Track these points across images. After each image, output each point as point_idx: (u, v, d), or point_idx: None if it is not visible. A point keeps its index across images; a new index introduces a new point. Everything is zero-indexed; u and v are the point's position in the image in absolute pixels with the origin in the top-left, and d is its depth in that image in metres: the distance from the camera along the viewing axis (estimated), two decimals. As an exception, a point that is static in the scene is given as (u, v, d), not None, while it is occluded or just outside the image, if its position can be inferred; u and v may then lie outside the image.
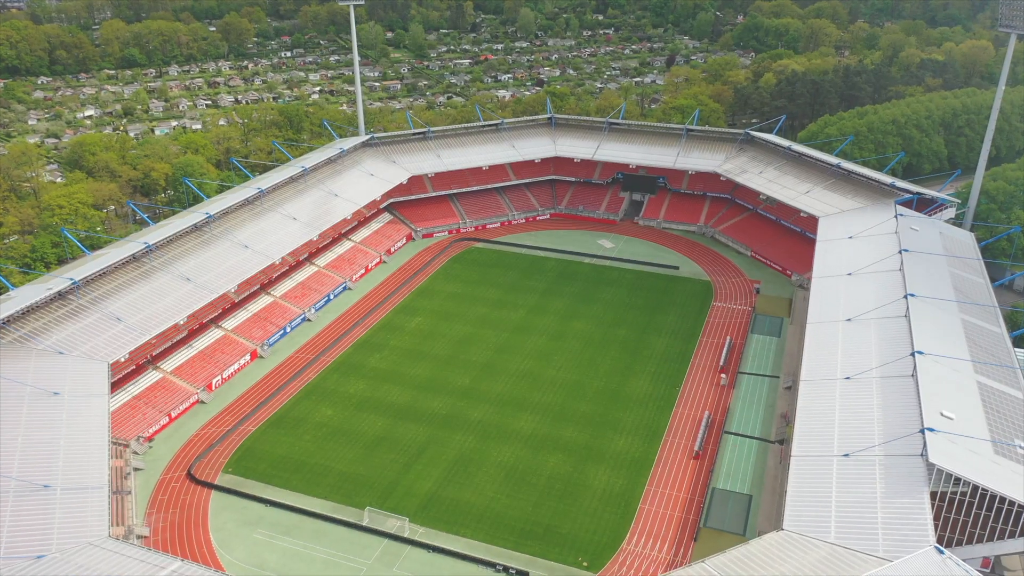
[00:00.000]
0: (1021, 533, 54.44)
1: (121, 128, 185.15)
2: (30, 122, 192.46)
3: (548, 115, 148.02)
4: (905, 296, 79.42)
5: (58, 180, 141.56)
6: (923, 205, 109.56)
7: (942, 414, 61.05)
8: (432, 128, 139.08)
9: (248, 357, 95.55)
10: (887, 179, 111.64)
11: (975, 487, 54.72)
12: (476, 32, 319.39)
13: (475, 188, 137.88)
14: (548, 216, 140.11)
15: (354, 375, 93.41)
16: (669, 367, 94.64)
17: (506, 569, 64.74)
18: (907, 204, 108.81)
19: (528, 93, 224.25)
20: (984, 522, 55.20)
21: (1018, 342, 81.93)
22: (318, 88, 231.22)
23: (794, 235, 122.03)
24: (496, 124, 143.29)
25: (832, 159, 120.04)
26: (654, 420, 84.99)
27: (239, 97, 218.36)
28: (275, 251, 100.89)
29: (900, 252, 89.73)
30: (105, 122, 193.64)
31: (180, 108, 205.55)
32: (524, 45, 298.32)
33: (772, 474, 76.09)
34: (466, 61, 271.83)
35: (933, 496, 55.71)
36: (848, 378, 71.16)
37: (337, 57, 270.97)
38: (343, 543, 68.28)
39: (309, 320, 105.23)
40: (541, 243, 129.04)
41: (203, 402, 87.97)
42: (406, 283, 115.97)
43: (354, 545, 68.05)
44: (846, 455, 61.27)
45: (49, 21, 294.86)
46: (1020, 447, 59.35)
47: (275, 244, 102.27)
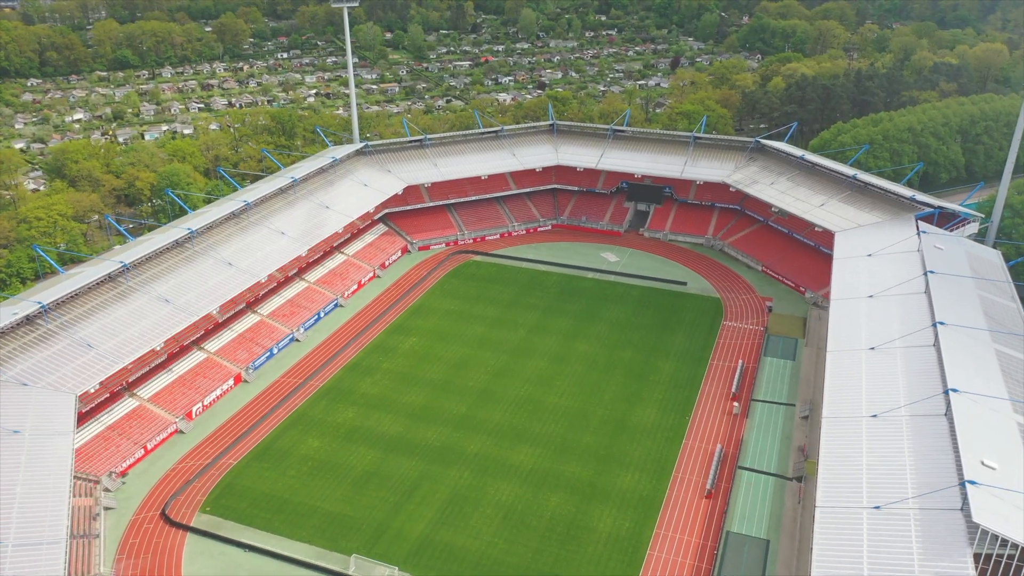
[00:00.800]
0: (1075, 601, 49.01)
1: (110, 133, 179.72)
2: (16, 126, 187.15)
3: (550, 121, 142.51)
4: (934, 324, 73.84)
5: (43, 188, 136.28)
6: (944, 219, 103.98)
7: (983, 463, 55.51)
8: (429, 135, 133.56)
9: (232, 382, 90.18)
10: (907, 192, 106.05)
11: (1024, 550, 49.28)
12: (476, 33, 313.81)
13: (474, 198, 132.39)
14: (550, 227, 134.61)
15: (343, 402, 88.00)
16: (678, 394, 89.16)
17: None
18: (928, 219, 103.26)
19: (529, 96, 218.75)
20: (1034, 588, 49.76)
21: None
22: (314, 91, 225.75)
23: (807, 249, 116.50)
24: (496, 131, 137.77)
25: (848, 170, 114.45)
26: (663, 453, 79.51)
27: (233, 100, 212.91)
28: (261, 269, 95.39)
29: (925, 274, 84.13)
30: (94, 126, 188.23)
31: (172, 112, 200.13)
32: (525, 46, 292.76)
33: (791, 516, 70.61)
34: (466, 63, 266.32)
35: (977, 558, 50.23)
36: (875, 416, 65.64)
37: (335, 59, 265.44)
38: (326, 596, 62.95)
39: (297, 340, 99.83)
40: (542, 256, 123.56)
41: (182, 432, 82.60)
42: (400, 300, 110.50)
43: (338, 599, 62.73)
44: (877, 507, 55.74)
45: (42, 21, 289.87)
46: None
47: (261, 261, 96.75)
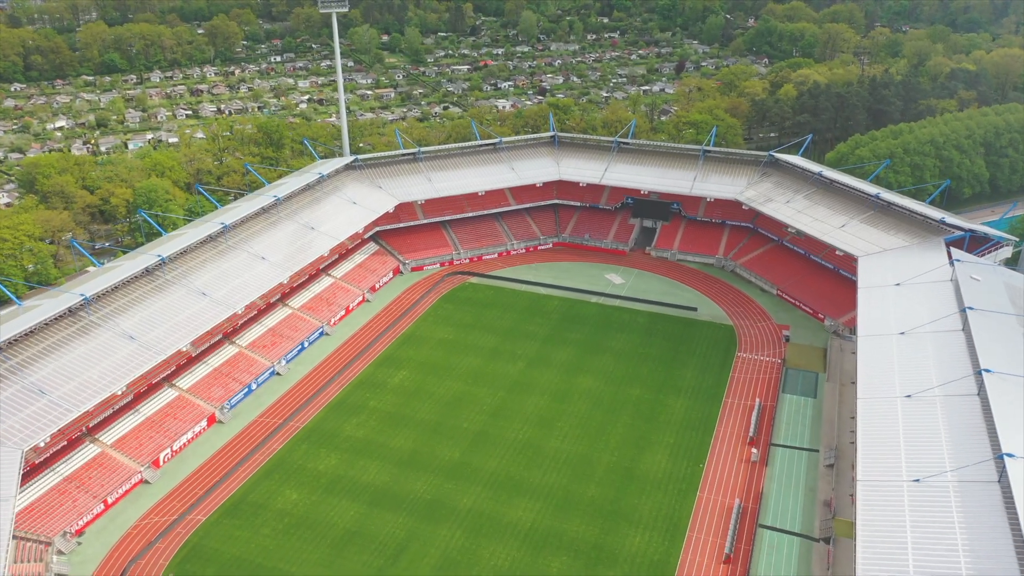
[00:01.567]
0: None
1: (92, 142, 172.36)
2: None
3: (551, 133, 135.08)
4: (978, 372, 66.43)
5: (16, 202, 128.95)
6: (974, 242, 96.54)
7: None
8: (423, 148, 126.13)
9: (205, 423, 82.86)
10: (935, 213, 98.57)
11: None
12: (475, 35, 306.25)
13: (470, 214, 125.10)
14: (550, 245, 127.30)
15: (326, 446, 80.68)
16: (690, 437, 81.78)
17: None
18: (957, 242, 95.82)
19: (529, 103, 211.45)
20: None
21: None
22: (306, 97, 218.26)
23: (825, 272, 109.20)
24: (494, 143, 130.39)
25: (870, 188, 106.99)
26: (675, 509, 72.14)
27: (222, 106, 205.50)
28: (238, 299, 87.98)
29: (963, 310, 76.69)
30: (76, 134, 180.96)
31: (158, 119, 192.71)
32: (526, 50, 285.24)
33: (820, 586, 63.33)
34: (464, 67, 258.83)
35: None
36: (917, 481, 58.22)
37: (329, 62, 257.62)
38: None
39: (279, 374, 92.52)
40: (543, 278, 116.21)
41: (148, 482, 75.35)
42: (391, 327, 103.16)
43: None
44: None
45: (31, 23, 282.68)
46: None
47: (239, 290, 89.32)
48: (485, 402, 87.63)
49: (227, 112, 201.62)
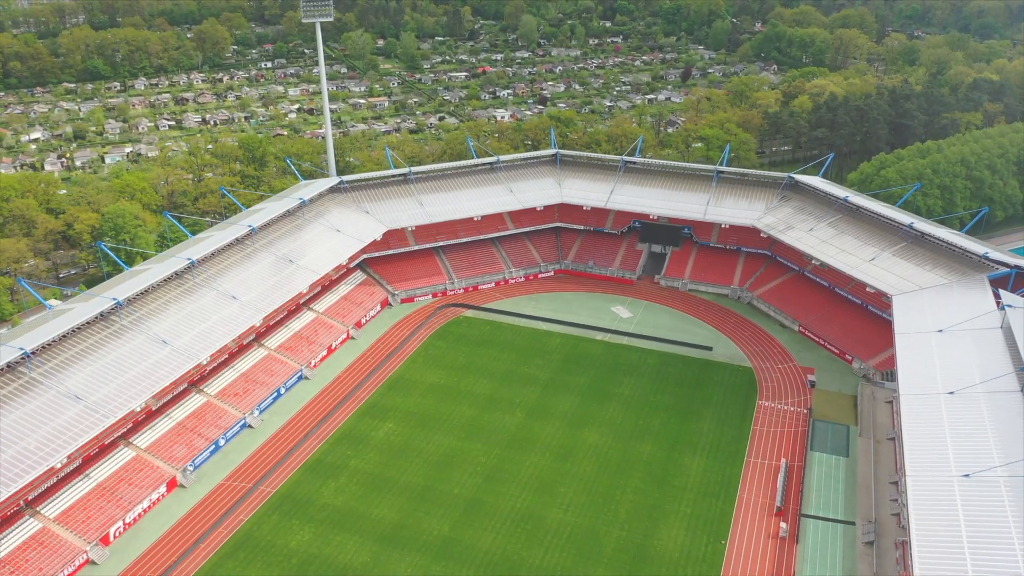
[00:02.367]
0: None
1: (67, 155, 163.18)
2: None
3: (553, 151, 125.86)
4: (1050, 451, 57.38)
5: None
6: (1020, 279, 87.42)
7: None
8: (414, 169, 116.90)
9: (164, 488, 73.73)
10: (977, 247, 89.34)
11: None
12: (474, 40, 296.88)
13: (465, 240, 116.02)
14: (552, 273, 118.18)
15: (299, 516, 71.51)
16: (710, 506, 72.65)
17: None
18: (1002, 279, 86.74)
19: (529, 113, 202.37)
20: None
21: None
22: (296, 106, 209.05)
23: (852, 307, 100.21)
24: (491, 162, 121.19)
25: (902, 216, 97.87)
26: (696, 599, 63.09)
27: (207, 116, 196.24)
28: (203, 347, 78.73)
29: (1021, 370, 67.55)
30: (52, 146, 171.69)
31: (139, 130, 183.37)
32: (526, 55, 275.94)
33: None
34: (462, 74, 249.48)
35: None
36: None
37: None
38: None
39: (251, 427, 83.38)
40: (543, 311, 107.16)
41: (94, 563, 66.22)
42: (377, 369, 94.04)
43: None
44: None
45: (16, 26, 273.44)
46: None
47: (204, 336, 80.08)
48: (479, 461, 78.51)
49: (212, 123, 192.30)
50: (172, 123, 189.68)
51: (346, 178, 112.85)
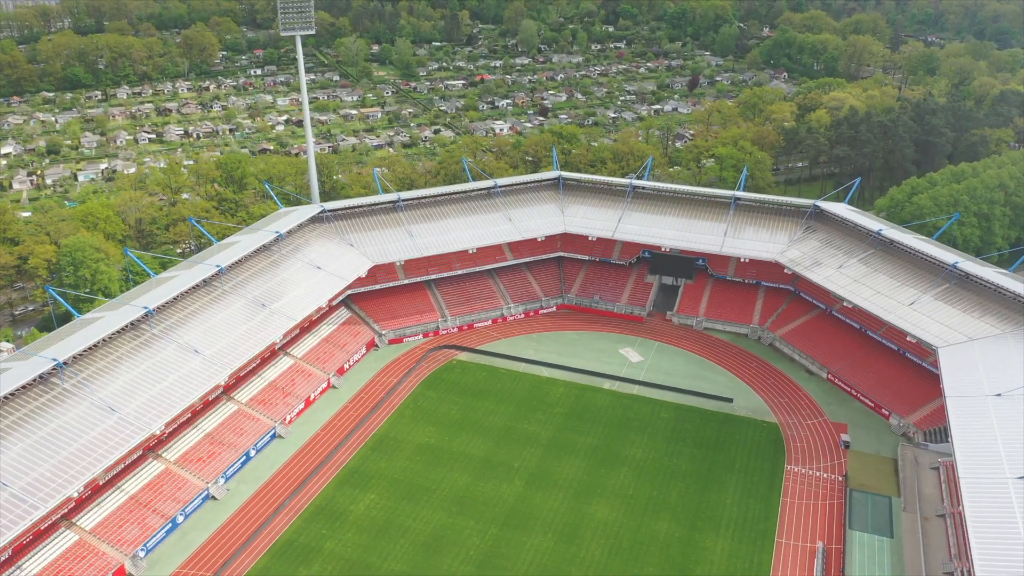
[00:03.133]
0: None
1: (38, 172, 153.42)
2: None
3: (555, 173, 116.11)
4: None
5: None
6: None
7: None
8: (404, 195, 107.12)
9: (109, 580, 63.92)
10: (1031, 293, 79.64)
11: None
12: (472, 46, 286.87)
13: (460, 272, 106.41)
14: (554, 308, 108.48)
15: (264, 616, 61.81)
16: (738, 604, 62.99)
17: None
18: (1060, 329, 77.11)
19: (529, 125, 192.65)
20: None
21: None
22: (284, 117, 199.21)
23: (887, 353, 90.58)
24: (488, 187, 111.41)
25: (944, 253, 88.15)
26: None
27: (190, 129, 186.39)
28: (155, 416, 68.84)
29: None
30: (22, 162, 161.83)
31: (117, 143, 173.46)
32: (525, 61, 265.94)
33: None
34: (459, 82, 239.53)
35: None
36: None
37: (314, 76, 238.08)
38: None
39: (214, 499, 73.62)
40: (545, 354, 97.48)
41: None
42: (360, 427, 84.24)
43: None
44: None
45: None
46: None
47: (157, 402, 70.20)
48: (472, 543, 68.76)
49: (195, 135, 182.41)
50: (152, 136, 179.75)
51: (328, 206, 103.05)
